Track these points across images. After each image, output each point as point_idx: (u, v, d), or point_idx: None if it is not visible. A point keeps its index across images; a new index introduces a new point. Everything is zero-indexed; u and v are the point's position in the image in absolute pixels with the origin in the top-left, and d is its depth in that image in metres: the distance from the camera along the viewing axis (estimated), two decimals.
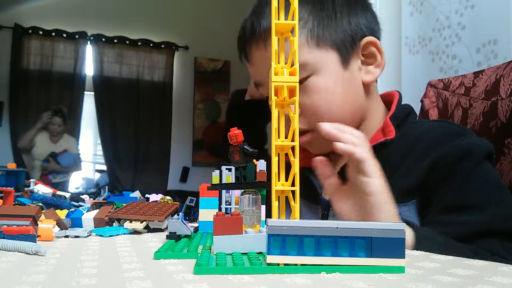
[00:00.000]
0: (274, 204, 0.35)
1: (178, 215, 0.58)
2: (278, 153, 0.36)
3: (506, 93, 0.73)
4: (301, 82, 0.65)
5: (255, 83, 0.74)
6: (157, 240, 0.49)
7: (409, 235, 0.49)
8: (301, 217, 0.34)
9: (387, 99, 0.74)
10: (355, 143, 0.53)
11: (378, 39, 0.71)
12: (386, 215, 0.51)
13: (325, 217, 0.67)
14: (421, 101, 0.96)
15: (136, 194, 0.85)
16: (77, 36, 4.11)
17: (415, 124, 0.70)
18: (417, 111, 0.98)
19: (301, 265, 0.30)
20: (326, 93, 0.66)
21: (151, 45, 4.32)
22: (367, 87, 0.70)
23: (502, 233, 0.55)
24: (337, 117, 0.66)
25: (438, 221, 0.57)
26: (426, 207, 0.60)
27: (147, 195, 0.81)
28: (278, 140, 0.35)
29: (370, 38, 0.68)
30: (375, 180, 0.52)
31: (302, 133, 0.68)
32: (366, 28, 0.69)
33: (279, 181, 0.35)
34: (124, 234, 0.54)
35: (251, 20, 0.69)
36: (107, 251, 0.40)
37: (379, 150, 0.64)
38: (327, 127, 0.54)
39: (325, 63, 0.66)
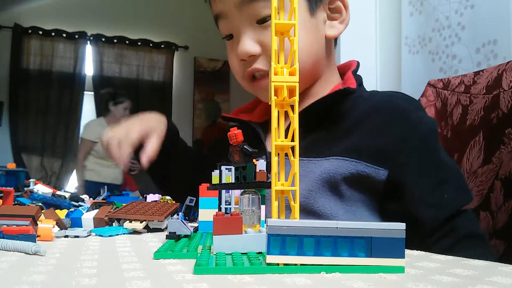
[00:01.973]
0: (274, 204, 0.35)
1: (177, 215, 0.58)
2: (278, 153, 0.36)
3: (509, 85, 0.72)
4: (264, 20, 0.65)
5: (215, 16, 0.71)
6: (157, 240, 0.49)
7: None
8: None
9: (343, 71, 0.75)
10: None
11: None
12: None
13: (268, 165, 0.68)
14: (419, 100, 0.96)
15: (136, 194, 0.85)
16: (76, 36, 4.10)
17: (371, 91, 0.72)
18: None
19: (301, 265, 0.30)
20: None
21: (151, 45, 4.32)
22: (329, 44, 0.70)
23: (464, 208, 0.58)
24: (300, 61, 0.65)
25: (421, 202, 0.57)
26: (396, 184, 0.59)
27: (145, 195, 0.81)
28: (278, 140, 0.35)
29: None
30: None
31: (265, 76, 0.69)
32: None
33: (279, 181, 0.35)
34: (124, 234, 0.53)
35: None
36: (107, 251, 0.40)
37: (341, 100, 0.65)
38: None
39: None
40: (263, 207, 0.43)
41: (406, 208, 0.57)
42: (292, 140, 0.35)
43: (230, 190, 0.52)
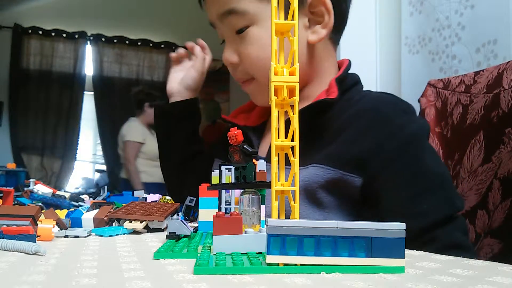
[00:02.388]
0: (274, 204, 0.35)
1: (177, 215, 0.58)
2: (278, 153, 0.36)
3: (509, 84, 0.72)
4: (241, 30, 0.68)
5: (211, 24, 0.74)
6: (156, 240, 0.49)
7: None
8: None
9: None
10: None
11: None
12: None
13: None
14: (419, 101, 0.96)
15: (141, 193, 0.84)
16: (76, 36, 4.11)
17: (362, 94, 0.70)
18: (416, 110, 0.98)
19: (301, 265, 0.30)
20: (263, 45, 0.67)
21: (151, 45, 4.32)
22: (312, 48, 0.69)
23: (450, 218, 0.56)
24: None
25: (397, 212, 0.57)
26: (369, 191, 0.59)
27: (145, 195, 0.81)
28: (278, 140, 0.35)
29: None
30: None
31: (246, 82, 0.72)
32: None
33: (279, 181, 0.35)
34: (124, 234, 0.53)
35: None
36: (107, 251, 0.40)
37: (321, 110, 0.64)
38: None
39: (265, 15, 0.66)
40: (263, 207, 0.43)
41: (383, 217, 0.56)
42: (292, 140, 0.35)
43: (230, 190, 0.52)
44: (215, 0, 0.69)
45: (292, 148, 0.35)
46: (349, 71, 0.72)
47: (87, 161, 4.31)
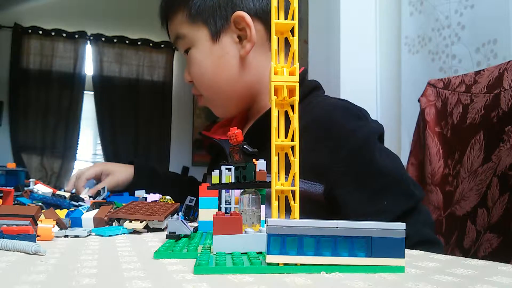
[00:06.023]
0: (274, 204, 0.35)
1: (177, 215, 0.58)
2: (278, 153, 0.36)
3: (510, 84, 0.73)
4: (186, 51, 0.77)
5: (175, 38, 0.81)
6: (156, 239, 0.49)
7: None
8: None
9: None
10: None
11: (263, 15, 0.72)
12: None
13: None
14: (418, 100, 0.96)
15: (141, 193, 0.84)
16: (76, 36, 4.10)
17: (319, 99, 0.72)
18: (416, 110, 0.98)
19: (301, 264, 0.30)
20: (199, 65, 0.75)
21: (151, 44, 4.31)
22: (243, 61, 0.74)
23: (414, 209, 0.58)
24: (214, 87, 0.76)
25: (360, 212, 0.58)
26: (331, 195, 0.61)
27: (145, 195, 0.81)
28: (278, 140, 0.35)
29: (238, 13, 0.70)
30: None
31: (199, 96, 0.83)
32: (241, 2, 0.71)
33: (279, 181, 0.35)
34: (124, 233, 0.53)
35: None
36: (107, 251, 0.40)
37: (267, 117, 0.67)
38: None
39: (198, 38, 0.74)
40: (263, 207, 0.43)
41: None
42: (292, 140, 0.35)
43: (230, 190, 0.52)
44: (170, 27, 0.79)
45: (292, 147, 0.35)
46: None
47: (87, 161, 4.31)
